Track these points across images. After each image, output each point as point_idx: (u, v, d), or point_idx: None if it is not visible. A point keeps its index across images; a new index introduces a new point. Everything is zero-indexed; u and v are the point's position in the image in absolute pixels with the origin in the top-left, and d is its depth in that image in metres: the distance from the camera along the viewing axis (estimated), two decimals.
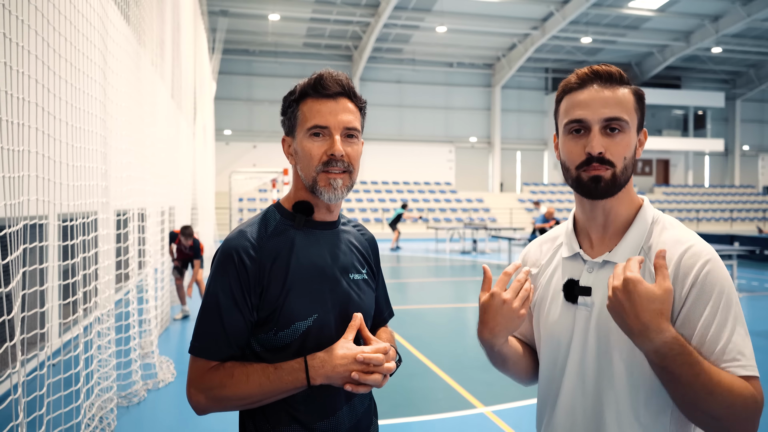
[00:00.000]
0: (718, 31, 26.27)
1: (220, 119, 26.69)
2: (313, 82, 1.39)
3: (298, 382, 1.30)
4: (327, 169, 1.37)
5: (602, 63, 1.29)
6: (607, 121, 1.23)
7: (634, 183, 1.40)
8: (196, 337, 1.36)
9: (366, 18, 25.57)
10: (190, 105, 10.94)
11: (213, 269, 1.39)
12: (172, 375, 5.40)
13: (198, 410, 1.35)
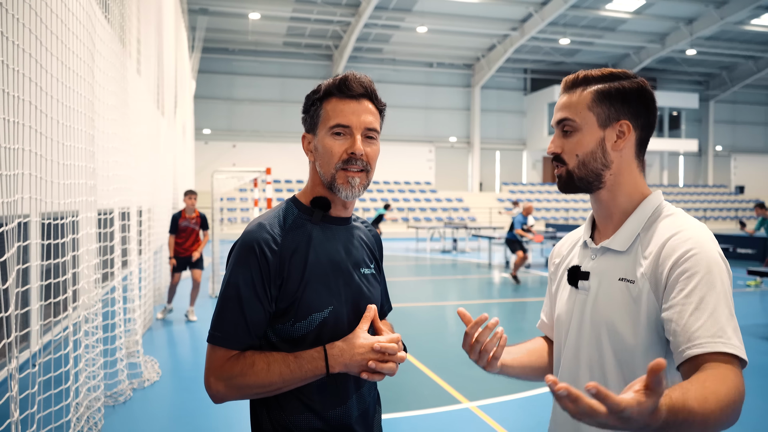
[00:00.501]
0: (693, 33, 26.79)
1: (199, 118, 26.51)
2: (338, 83, 1.43)
3: (318, 370, 1.35)
4: (346, 167, 1.42)
5: (602, 67, 1.37)
6: (559, 124, 1.36)
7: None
8: (217, 327, 1.39)
9: (346, 18, 25.58)
10: (170, 103, 10.87)
11: (233, 260, 1.42)
12: (157, 374, 5.39)
13: (216, 399, 1.39)
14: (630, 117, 1.32)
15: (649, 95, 1.34)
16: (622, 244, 1.32)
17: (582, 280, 1.37)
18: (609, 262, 1.34)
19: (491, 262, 15.16)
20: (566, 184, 1.36)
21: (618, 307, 1.28)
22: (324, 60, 30.72)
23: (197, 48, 21.01)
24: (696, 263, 1.19)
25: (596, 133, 1.32)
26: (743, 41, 29.65)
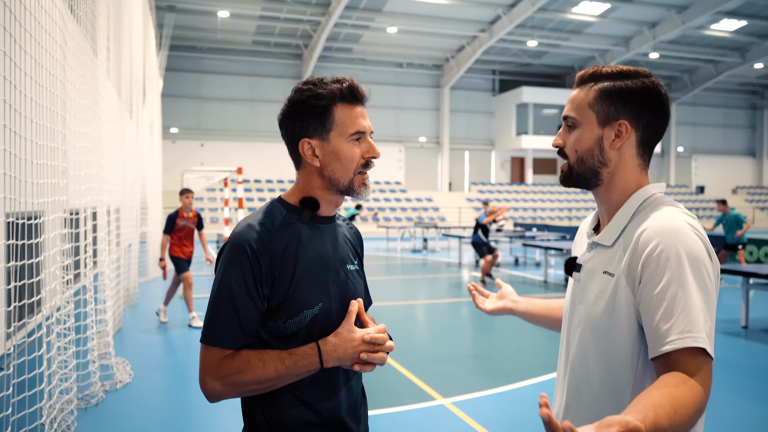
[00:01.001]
0: (656, 37, 27.45)
1: (166, 117, 26.13)
2: (348, 89, 1.47)
3: (312, 365, 1.39)
4: (363, 171, 1.50)
5: (616, 65, 1.39)
6: (564, 120, 1.41)
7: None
8: (210, 327, 1.42)
9: (316, 17, 25.51)
10: (139, 101, 10.71)
11: (224, 260, 1.45)
12: (129, 375, 5.34)
13: (212, 398, 1.42)
14: (630, 117, 1.33)
15: (656, 96, 1.33)
16: (608, 239, 1.35)
17: (576, 271, 1.43)
18: (598, 256, 1.38)
19: (461, 261, 15.31)
20: (566, 179, 1.41)
21: (599, 299, 1.32)
22: (294, 59, 30.58)
23: (164, 46, 20.69)
24: (667, 258, 1.19)
25: (595, 131, 1.35)
26: (703, 45, 30.50)
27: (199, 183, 22.05)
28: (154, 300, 9.66)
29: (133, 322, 7.93)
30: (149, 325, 7.92)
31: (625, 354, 1.27)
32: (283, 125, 1.53)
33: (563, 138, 1.40)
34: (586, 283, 1.38)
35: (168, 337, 7.24)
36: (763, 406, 4.77)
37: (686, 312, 1.16)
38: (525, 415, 4.48)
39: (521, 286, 11.44)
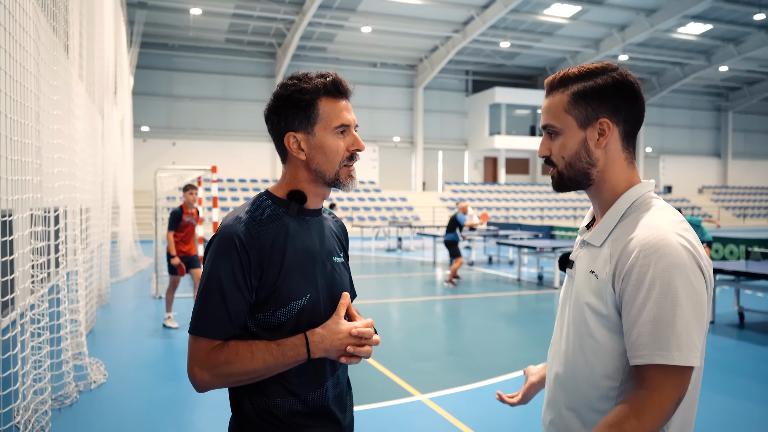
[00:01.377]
0: (625, 39, 27.97)
1: (137, 115, 25.74)
2: (333, 84, 1.50)
3: (299, 356, 1.42)
4: (348, 164, 1.53)
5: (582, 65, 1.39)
6: (544, 129, 1.42)
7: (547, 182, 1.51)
8: (199, 318, 1.43)
9: (290, 16, 25.39)
10: (110, 99, 10.54)
11: (213, 253, 1.46)
12: (103, 376, 5.27)
13: (201, 388, 1.43)
14: (608, 114, 1.34)
15: (628, 87, 1.34)
16: (597, 239, 1.36)
17: (569, 267, 1.46)
18: (587, 254, 1.39)
19: (435, 260, 15.41)
20: (558, 185, 1.41)
21: (583, 296, 1.35)
22: (267, 58, 30.39)
23: (135, 43, 20.39)
24: (649, 270, 1.20)
25: (578, 135, 1.35)
26: (671, 48, 31.17)
27: (170, 182, 21.80)
28: (126, 300, 9.53)
29: (105, 322, 7.82)
30: (122, 325, 7.83)
31: (611, 352, 1.30)
32: (269, 120, 1.55)
33: (547, 147, 1.40)
34: (576, 280, 1.40)
35: (142, 337, 7.16)
36: (728, 397, 4.92)
37: (660, 328, 1.18)
38: (500, 409, 4.54)
39: (495, 284, 11.57)
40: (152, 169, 26.33)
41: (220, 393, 4.88)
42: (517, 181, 36.41)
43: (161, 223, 11.46)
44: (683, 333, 1.18)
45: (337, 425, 1.56)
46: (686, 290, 1.19)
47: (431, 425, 4.30)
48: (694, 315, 1.19)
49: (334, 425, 1.55)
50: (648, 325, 1.20)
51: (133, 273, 12.65)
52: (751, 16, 26.51)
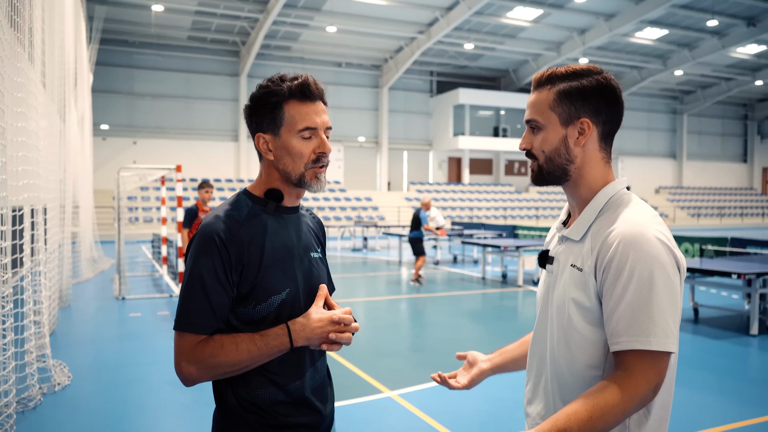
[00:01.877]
0: (585, 43, 28.62)
1: (97, 113, 25.16)
2: (300, 87, 1.53)
3: (282, 345, 1.48)
4: (315, 166, 1.56)
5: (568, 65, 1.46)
6: (527, 123, 1.47)
7: (510, 182, 1.59)
8: (183, 314, 1.48)
9: (254, 14, 25.19)
10: (69, 96, 10.32)
11: (194, 251, 1.51)
12: (68, 378, 5.18)
13: (188, 381, 1.48)
14: (590, 114, 1.40)
15: (610, 91, 1.40)
16: (577, 233, 1.42)
17: (549, 264, 1.51)
18: (568, 249, 1.44)
19: (401, 260, 15.51)
20: (537, 178, 1.46)
21: (568, 291, 1.38)
22: (231, 56, 30.06)
23: (95, 39, 19.93)
24: (628, 261, 1.27)
25: (559, 131, 1.41)
26: (629, 52, 32.01)
27: (131, 181, 21.40)
28: (88, 302, 9.35)
29: (67, 324, 7.67)
30: (84, 327, 7.69)
31: (593, 343, 1.35)
32: (246, 119, 1.62)
33: (529, 140, 1.46)
34: (558, 275, 1.45)
35: (105, 338, 7.05)
36: (684, 389, 5.13)
37: (638, 315, 1.24)
38: (468, 404, 4.65)
39: (460, 282, 11.73)
40: (112, 168, 25.85)
41: (186, 393, 4.87)
42: (481, 182, 36.85)
43: (124, 223, 11.25)
44: (660, 320, 1.24)
45: (318, 414, 1.62)
46: (662, 280, 1.26)
47: (401, 420, 4.37)
48: (670, 303, 1.26)
49: (315, 414, 1.61)
50: (627, 313, 1.26)
51: (93, 274, 12.39)
52: (704, 23, 27.44)
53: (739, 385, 5.31)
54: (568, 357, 1.40)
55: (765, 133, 44.97)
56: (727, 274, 7.05)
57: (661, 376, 1.26)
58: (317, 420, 1.62)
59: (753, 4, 25.82)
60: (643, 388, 1.24)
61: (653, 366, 1.25)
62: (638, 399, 1.25)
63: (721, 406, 4.75)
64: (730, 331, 7.34)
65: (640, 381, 1.24)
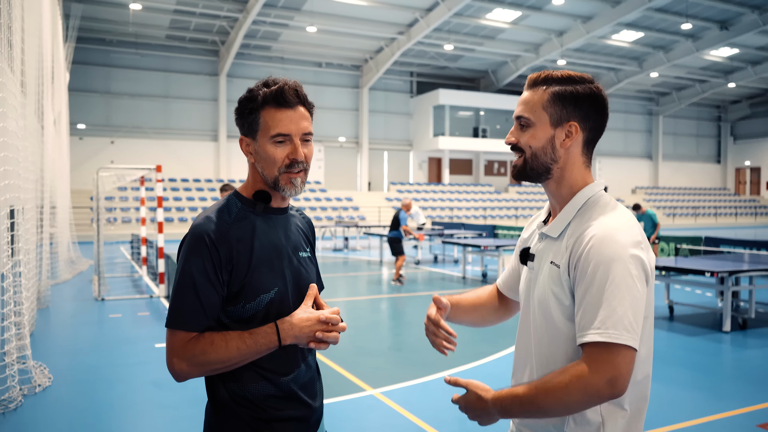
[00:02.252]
0: (563, 45, 28.96)
1: (73, 112, 24.81)
2: (275, 95, 1.56)
3: (271, 344, 1.52)
4: (289, 171, 1.59)
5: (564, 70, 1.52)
6: (516, 119, 1.53)
7: (490, 182, 1.65)
8: (175, 312, 1.52)
9: (234, 13, 25.05)
10: (47, 95, 10.19)
11: (185, 251, 1.56)
12: (48, 379, 5.15)
13: (180, 377, 1.52)
14: (579, 119, 1.46)
15: (600, 101, 1.47)
16: (555, 231, 1.48)
17: (530, 261, 1.57)
18: (547, 246, 1.50)
19: (382, 259, 15.57)
20: (520, 173, 1.52)
21: (548, 286, 1.45)
22: (210, 55, 29.85)
23: (71, 37, 19.67)
24: (595, 259, 1.33)
25: (548, 131, 1.47)
26: (606, 54, 32.44)
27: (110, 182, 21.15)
28: (66, 303, 9.26)
29: (46, 325, 7.60)
30: (64, 328, 7.63)
31: (571, 338, 1.42)
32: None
33: (516, 136, 1.52)
34: (539, 271, 1.51)
35: (85, 339, 7.01)
36: (659, 384, 5.26)
37: (600, 310, 1.31)
38: (449, 400, 4.72)
39: (440, 282, 11.82)
40: (89, 168, 25.53)
41: (168, 393, 4.87)
42: (461, 182, 37.06)
43: (102, 223, 11.15)
44: (620, 315, 1.29)
45: (308, 408, 1.67)
46: (626, 280, 1.31)
47: (384, 417, 4.43)
48: (631, 303, 1.31)
49: (305, 408, 1.66)
50: (590, 308, 1.32)
51: (72, 275, 12.26)
52: (679, 26, 27.92)
53: (712, 380, 5.46)
54: (549, 351, 1.46)
55: (738, 135, 45.90)
56: (701, 273, 7.22)
57: (618, 369, 1.28)
58: (307, 414, 1.67)
59: (726, 8, 26.36)
60: (595, 379, 1.28)
61: (609, 359, 1.28)
62: (590, 389, 1.28)
63: (695, 400, 4.88)
64: (704, 328, 7.52)
65: (594, 372, 1.28)
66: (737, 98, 43.68)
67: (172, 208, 26.02)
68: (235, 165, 30.41)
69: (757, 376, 5.57)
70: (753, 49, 31.60)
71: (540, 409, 1.30)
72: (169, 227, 23.94)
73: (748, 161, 45.23)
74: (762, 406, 4.64)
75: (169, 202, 26.34)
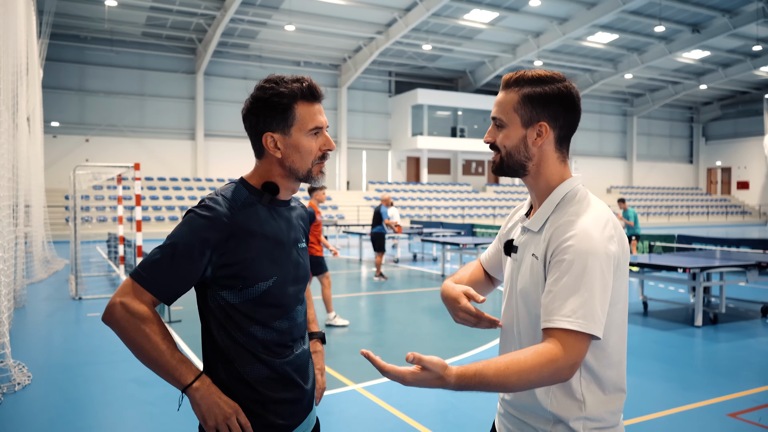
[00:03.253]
0: (539, 46, 29.29)
1: (47, 110, 24.41)
2: (308, 89, 1.66)
3: (176, 384, 1.56)
4: (321, 161, 1.70)
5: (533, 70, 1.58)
6: (493, 119, 1.61)
7: (468, 182, 1.73)
8: (146, 268, 1.55)
9: (211, 11, 24.87)
10: (21, 92, 10.04)
11: (185, 220, 1.59)
12: (27, 378, 5.11)
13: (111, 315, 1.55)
14: (548, 119, 1.53)
15: (570, 98, 1.53)
16: (536, 225, 1.56)
17: (513, 252, 1.64)
18: (529, 239, 1.57)
19: (361, 258, 15.62)
20: (498, 169, 1.60)
21: (529, 277, 1.53)
22: (187, 53, 29.58)
23: (45, 34, 19.36)
24: (570, 252, 1.40)
25: (519, 132, 1.54)
26: (581, 55, 32.90)
27: (85, 180, 20.85)
28: (42, 302, 9.16)
29: (23, 325, 7.51)
30: (41, 327, 7.55)
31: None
32: (247, 119, 1.70)
33: (493, 135, 1.60)
34: (521, 263, 1.58)
35: (63, 337, 6.95)
36: (634, 377, 5.40)
37: (569, 299, 1.37)
38: (430, 395, 4.80)
39: (419, 279, 11.92)
40: (63, 166, 25.18)
41: (149, 390, 4.87)
42: (439, 181, 37.25)
43: (78, 222, 11.02)
44: (591, 307, 1.37)
45: (301, 390, 1.73)
46: (598, 274, 1.38)
47: (366, 411, 4.49)
48: (601, 295, 1.38)
49: (298, 390, 1.72)
50: (561, 295, 1.39)
51: (47, 275, 12.10)
52: (652, 28, 28.44)
53: (684, 372, 5.62)
54: (534, 336, 1.53)
55: (709, 135, 46.87)
56: (674, 269, 7.41)
57: (580, 356, 1.36)
58: (300, 395, 1.73)
59: (697, 11, 26.92)
60: (561, 362, 1.34)
61: (575, 345, 1.36)
62: (557, 373, 1.35)
63: (668, 391, 5.02)
64: (677, 322, 7.71)
65: (560, 356, 1.34)
66: (708, 100, 44.60)
67: (149, 207, 25.75)
68: (213, 164, 30.21)
69: (727, 368, 5.75)
70: (723, 52, 32.31)
71: (505, 388, 1.34)
72: (147, 226, 23.71)
73: (719, 161, 46.21)
74: (731, 397, 4.80)
75: (146, 201, 26.06)
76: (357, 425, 4.27)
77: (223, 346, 1.64)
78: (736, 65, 34.53)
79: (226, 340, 1.64)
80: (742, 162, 44.72)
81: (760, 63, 33.43)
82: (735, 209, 42.39)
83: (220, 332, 1.64)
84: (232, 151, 30.38)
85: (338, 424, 4.27)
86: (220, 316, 1.64)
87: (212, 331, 1.66)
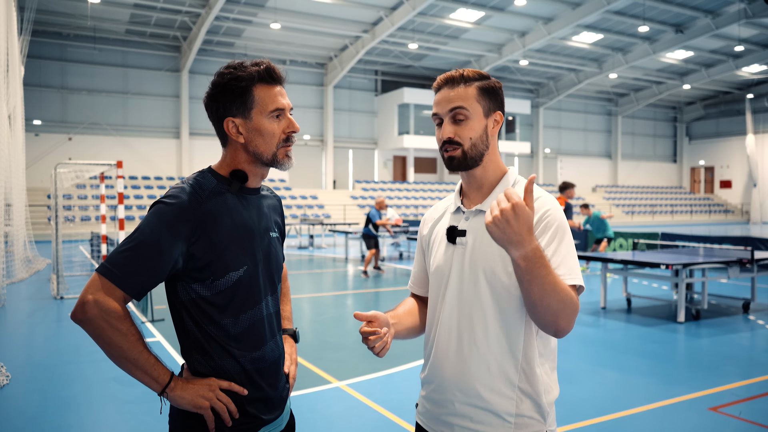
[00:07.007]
0: (525, 45, 29.40)
1: (29, 108, 24.07)
2: (266, 71, 1.62)
3: (152, 386, 1.54)
4: (286, 145, 1.66)
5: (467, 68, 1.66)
6: (451, 111, 1.61)
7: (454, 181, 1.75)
8: (114, 264, 1.50)
9: (196, 9, 24.70)
10: (1, 90, 9.91)
11: (151, 212, 1.55)
12: (6, 378, 5.04)
13: (80, 314, 1.50)
14: (500, 109, 1.66)
15: (502, 93, 1.69)
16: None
17: (459, 236, 1.65)
18: (481, 220, 1.62)
19: (347, 257, 15.59)
20: (460, 163, 1.62)
21: (494, 254, 1.57)
22: (171, 51, 29.34)
23: (26, 30, 19.10)
24: (553, 219, 1.56)
25: (482, 121, 1.62)
26: (566, 55, 33.08)
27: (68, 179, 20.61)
28: (23, 302, 9.03)
29: (3, 324, 7.41)
30: (21, 326, 7.45)
31: (519, 299, 1.55)
32: (209, 107, 1.66)
33: (452, 131, 1.62)
34: (474, 244, 1.62)
35: (44, 337, 6.85)
36: (617, 372, 5.44)
37: (567, 258, 1.54)
38: (413, 391, 4.78)
39: (405, 278, 11.91)
40: (45, 164, 24.90)
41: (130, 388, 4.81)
42: (425, 180, 37.29)
43: (60, 222, 10.89)
44: (576, 266, 1.55)
45: (273, 388, 1.70)
46: (571, 239, 1.58)
47: (350, 408, 4.47)
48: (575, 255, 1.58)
49: (270, 388, 1.69)
50: (562, 258, 1.53)
51: (28, 274, 11.95)
52: (636, 28, 28.66)
53: (667, 367, 5.66)
54: (497, 311, 1.57)
55: (693, 135, 47.35)
56: (657, 266, 7.46)
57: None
58: (272, 394, 1.70)
59: (680, 12, 27.17)
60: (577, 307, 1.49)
61: (577, 297, 1.51)
62: (574, 310, 1.47)
63: (650, 386, 5.06)
64: (660, 319, 7.77)
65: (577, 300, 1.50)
66: (692, 100, 45.06)
67: (133, 206, 25.51)
68: (198, 163, 29.97)
69: (709, 363, 5.80)
70: (706, 52, 32.65)
71: (549, 290, 1.40)
72: (131, 225, 23.49)
73: (703, 161, 46.70)
74: (712, 391, 4.84)
75: (130, 200, 25.83)
76: (340, 422, 4.25)
77: (195, 338, 1.61)
78: (718, 65, 34.89)
79: (198, 333, 1.60)
80: (725, 161, 45.23)
81: (742, 63, 33.80)
82: (718, 208, 42.88)
83: (192, 325, 1.61)
84: (218, 150, 29.61)
85: (321, 421, 4.25)
86: (192, 308, 1.60)
87: (185, 323, 1.62)
